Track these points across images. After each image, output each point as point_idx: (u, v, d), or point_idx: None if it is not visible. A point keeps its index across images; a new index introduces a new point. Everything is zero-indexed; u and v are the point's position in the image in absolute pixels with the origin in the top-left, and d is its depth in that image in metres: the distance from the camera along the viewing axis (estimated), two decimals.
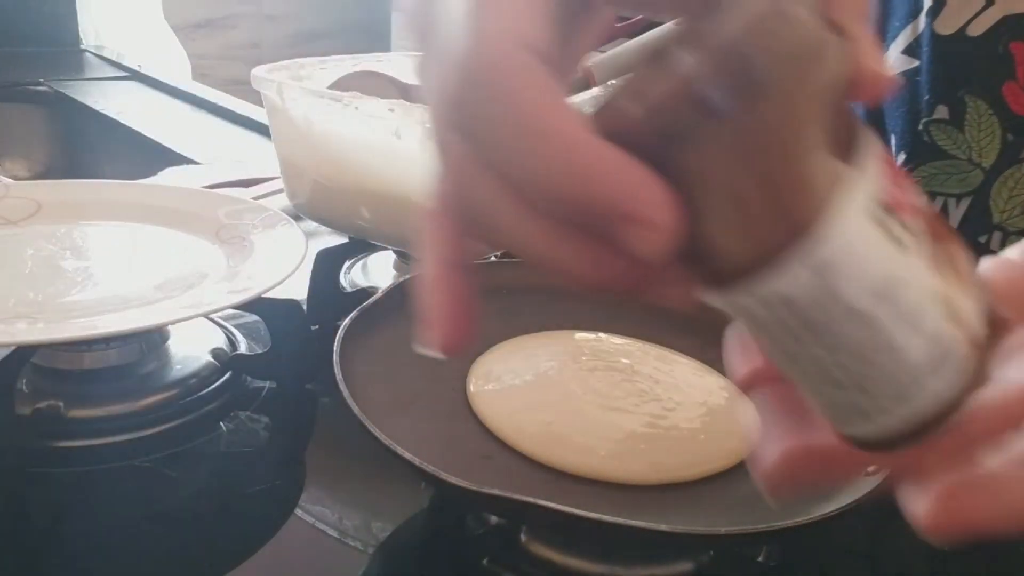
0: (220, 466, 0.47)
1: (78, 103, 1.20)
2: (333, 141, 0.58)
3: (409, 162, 0.56)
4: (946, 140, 0.55)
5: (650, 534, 0.33)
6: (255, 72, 0.62)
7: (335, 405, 0.39)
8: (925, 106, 0.56)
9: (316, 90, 0.58)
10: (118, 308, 0.48)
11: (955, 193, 0.56)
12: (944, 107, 0.55)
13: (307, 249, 0.54)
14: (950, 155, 0.55)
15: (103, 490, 0.44)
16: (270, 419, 0.50)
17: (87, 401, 0.47)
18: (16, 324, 0.45)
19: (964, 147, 0.54)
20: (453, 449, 0.41)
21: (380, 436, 0.35)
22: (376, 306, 0.47)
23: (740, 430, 0.44)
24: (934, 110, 0.55)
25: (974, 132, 0.54)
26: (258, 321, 0.55)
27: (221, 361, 0.52)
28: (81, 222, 0.60)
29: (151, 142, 1.04)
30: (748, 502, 0.40)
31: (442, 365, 0.47)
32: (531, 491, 0.33)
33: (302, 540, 0.41)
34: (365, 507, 0.45)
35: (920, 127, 0.56)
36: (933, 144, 0.56)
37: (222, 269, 0.54)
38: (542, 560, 0.38)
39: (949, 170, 0.55)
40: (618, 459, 0.41)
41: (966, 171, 0.55)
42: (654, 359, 0.50)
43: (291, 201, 0.66)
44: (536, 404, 0.45)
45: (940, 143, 0.55)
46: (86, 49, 1.53)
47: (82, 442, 0.46)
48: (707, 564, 0.39)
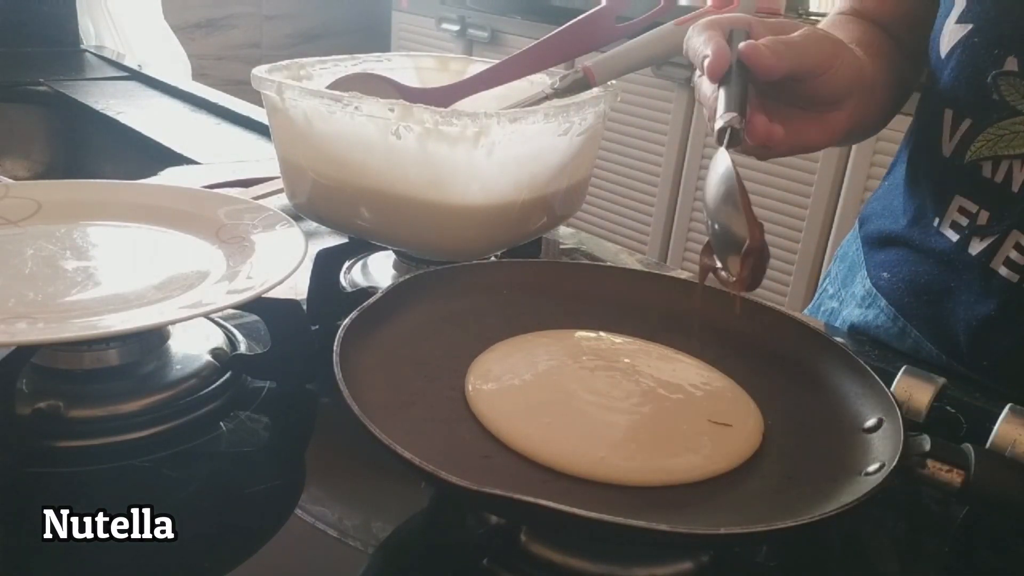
0: (220, 466, 0.47)
1: (78, 103, 1.20)
2: (333, 141, 0.58)
3: (409, 162, 0.56)
4: (1014, 94, 0.56)
5: (650, 534, 0.33)
6: (255, 72, 0.62)
7: (335, 405, 0.39)
8: (993, 60, 0.57)
9: (316, 90, 0.58)
10: (118, 308, 0.48)
11: (1020, 154, 0.57)
12: (1014, 59, 0.56)
13: (307, 249, 0.54)
14: (1018, 111, 0.56)
15: (103, 490, 0.44)
16: (270, 419, 0.50)
17: (87, 401, 0.47)
18: (16, 324, 0.45)
19: None
20: (453, 449, 0.41)
21: (380, 436, 0.35)
22: (376, 306, 0.47)
23: (741, 431, 0.44)
24: (1004, 62, 0.56)
25: None
26: (258, 321, 0.55)
27: (221, 361, 0.52)
28: (81, 222, 0.59)
29: (151, 142, 1.04)
30: (748, 502, 0.40)
31: (442, 365, 0.47)
32: (531, 491, 0.33)
33: (302, 540, 0.41)
34: (365, 507, 0.45)
35: (988, 80, 0.57)
36: (1002, 101, 0.57)
37: (222, 269, 0.53)
38: (542, 560, 0.38)
39: (1017, 127, 0.56)
40: (618, 459, 0.41)
41: None
42: (655, 358, 0.50)
43: (291, 201, 0.66)
44: (535, 404, 0.45)
45: (1008, 98, 0.56)
46: (86, 49, 1.53)
47: (82, 442, 0.46)
48: (707, 564, 0.39)
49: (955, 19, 0.60)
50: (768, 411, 0.46)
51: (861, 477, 0.39)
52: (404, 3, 2.76)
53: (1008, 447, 0.42)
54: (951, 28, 0.60)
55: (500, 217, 0.59)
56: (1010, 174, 0.57)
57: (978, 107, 0.59)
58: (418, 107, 0.54)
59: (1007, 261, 0.58)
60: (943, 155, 0.62)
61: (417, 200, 0.57)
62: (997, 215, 0.59)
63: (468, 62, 0.77)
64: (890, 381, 0.45)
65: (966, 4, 0.59)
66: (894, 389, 0.45)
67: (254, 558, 0.41)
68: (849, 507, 0.35)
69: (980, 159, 0.59)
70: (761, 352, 0.50)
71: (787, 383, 0.48)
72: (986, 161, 0.59)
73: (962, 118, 0.60)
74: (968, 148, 0.59)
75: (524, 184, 0.59)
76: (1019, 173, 0.57)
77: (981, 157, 0.59)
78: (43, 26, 1.47)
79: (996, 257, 0.59)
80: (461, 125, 0.54)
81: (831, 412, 0.45)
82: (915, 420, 0.45)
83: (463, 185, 0.57)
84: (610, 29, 0.66)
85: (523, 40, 2.28)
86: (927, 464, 0.41)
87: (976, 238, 0.60)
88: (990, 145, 0.58)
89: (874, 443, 0.41)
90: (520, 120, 0.55)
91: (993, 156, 0.58)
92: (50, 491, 0.43)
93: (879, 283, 0.70)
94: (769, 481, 0.41)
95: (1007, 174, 0.57)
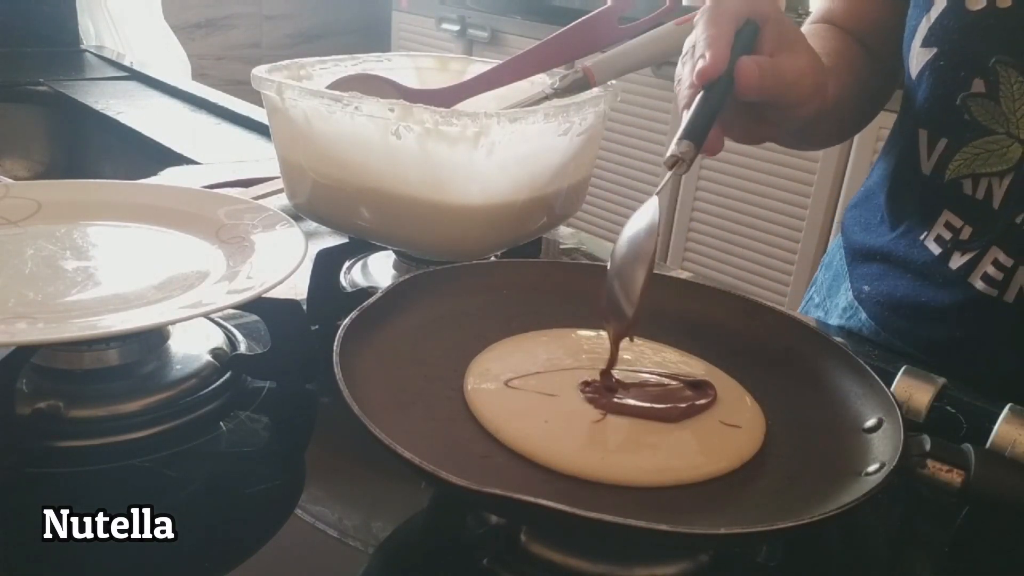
0: (220, 466, 0.47)
1: (78, 103, 1.20)
2: (333, 141, 0.58)
3: (409, 162, 0.56)
4: (984, 114, 0.57)
5: (650, 534, 0.33)
6: (255, 72, 0.62)
7: (335, 405, 0.39)
8: (961, 82, 0.58)
9: (316, 90, 0.58)
10: (118, 308, 0.48)
11: (997, 171, 0.57)
12: (980, 80, 0.57)
13: (307, 249, 0.54)
14: (990, 130, 0.57)
15: (103, 490, 0.44)
16: (270, 419, 0.50)
17: (87, 401, 0.47)
18: (16, 324, 0.45)
19: (1002, 120, 0.56)
20: (453, 449, 0.41)
21: (380, 436, 0.35)
22: (376, 306, 0.47)
23: (741, 431, 0.44)
24: (971, 84, 0.57)
25: (1009, 103, 0.56)
26: (258, 321, 0.55)
27: (221, 361, 0.52)
28: (81, 222, 0.60)
29: (151, 142, 1.04)
30: (748, 502, 0.40)
31: (442, 365, 0.47)
32: (531, 491, 0.33)
33: (302, 540, 0.41)
34: (365, 507, 0.45)
35: (958, 102, 0.58)
36: (973, 121, 0.58)
37: (222, 269, 0.53)
38: (542, 560, 0.38)
39: (990, 147, 0.57)
40: (618, 459, 0.41)
41: (1005, 146, 0.57)
42: (655, 358, 0.50)
43: (291, 201, 0.66)
44: (535, 404, 0.44)
45: (980, 118, 0.57)
46: (86, 49, 1.53)
47: (82, 442, 0.46)
48: (707, 564, 0.39)
49: (919, 42, 0.60)
50: (768, 411, 0.46)
51: (861, 477, 0.39)
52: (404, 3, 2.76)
53: (1008, 447, 0.42)
54: (917, 50, 0.61)
55: (500, 217, 0.59)
56: (990, 191, 0.58)
57: (951, 127, 0.59)
58: (418, 107, 0.54)
59: (984, 276, 0.59)
60: (923, 173, 0.62)
61: (417, 200, 0.57)
62: (979, 231, 0.59)
63: (468, 62, 0.77)
64: (890, 381, 0.45)
65: (928, 29, 0.59)
66: (894, 389, 0.45)
67: (254, 558, 0.41)
68: (849, 507, 0.35)
69: (960, 177, 0.60)
70: (761, 352, 0.50)
71: (787, 383, 0.48)
72: (966, 179, 0.59)
73: (938, 138, 0.61)
74: (947, 167, 0.60)
75: (524, 184, 0.59)
76: (998, 190, 0.58)
77: (960, 175, 0.59)
78: (43, 26, 1.47)
79: (975, 272, 0.59)
80: (461, 125, 0.54)
81: (831, 412, 0.45)
82: (915, 420, 0.45)
83: (463, 185, 0.57)
84: (613, 30, 0.66)
85: (523, 40, 2.28)
86: (927, 464, 0.41)
87: (957, 252, 0.60)
88: (967, 163, 0.59)
89: (874, 443, 0.41)
90: (520, 120, 0.55)
91: (972, 174, 0.59)
92: (50, 491, 0.43)
93: (860, 296, 0.70)
94: (769, 481, 0.41)
95: (987, 191, 0.58)
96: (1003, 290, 0.58)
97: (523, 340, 0.51)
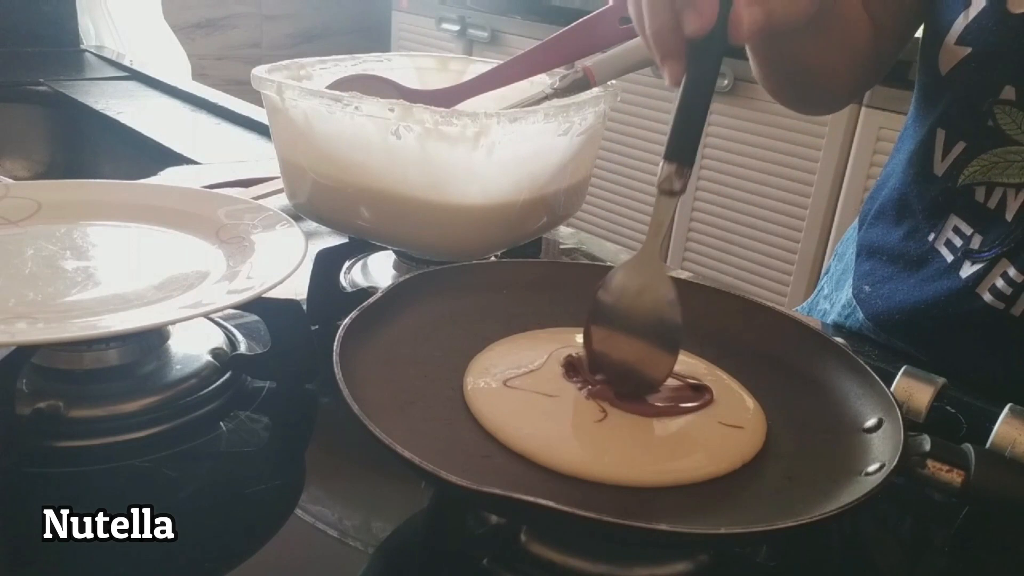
0: (220, 466, 0.47)
1: (78, 103, 1.20)
2: (333, 141, 0.58)
3: (409, 162, 0.56)
4: (1009, 123, 0.55)
5: (650, 534, 0.33)
6: (255, 72, 0.62)
7: (335, 405, 0.39)
8: (990, 87, 0.56)
9: (316, 90, 0.58)
10: (118, 308, 0.48)
11: (1014, 183, 0.56)
12: (1011, 88, 0.55)
13: (307, 249, 0.54)
14: (1012, 140, 0.55)
15: (103, 490, 0.44)
16: (270, 419, 0.50)
17: (87, 401, 0.47)
18: (16, 324, 0.45)
19: None
20: (453, 449, 0.41)
21: (380, 436, 0.35)
22: (376, 306, 0.47)
23: (742, 432, 0.44)
24: (1001, 90, 0.55)
25: None
26: (258, 321, 0.55)
27: (221, 361, 0.52)
28: (81, 222, 0.59)
29: (151, 142, 1.04)
30: (748, 503, 0.40)
31: (442, 365, 0.47)
32: (531, 491, 0.33)
33: (302, 540, 0.41)
34: (365, 507, 0.45)
35: (985, 107, 0.56)
36: (996, 128, 0.56)
37: (222, 269, 0.53)
38: (542, 560, 0.38)
39: (1011, 157, 0.56)
40: (618, 459, 0.41)
41: None
42: None
43: (291, 201, 0.66)
44: (535, 403, 0.44)
45: (1004, 126, 0.56)
46: (86, 49, 1.53)
47: (82, 442, 0.46)
48: (707, 564, 0.39)
49: (954, 39, 0.58)
50: (768, 411, 0.46)
51: (861, 477, 0.39)
52: (404, 3, 2.76)
53: (1008, 447, 0.42)
54: (950, 48, 0.59)
55: (500, 217, 0.59)
56: (1004, 202, 0.57)
57: (972, 132, 0.58)
58: (418, 107, 0.54)
59: (992, 288, 0.58)
60: (935, 174, 0.61)
61: (417, 200, 0.57)
62: (989, 241, 0.58)
63: (468, 62, 0.77)
64: (890, 381, 0.45)
65: (965, 27, 0.57)
66: (894, 389, 0.45)
67: (254, 558, 0.41)
68: (849, 507, 0.35)
69: (973, 184, 0.58)
70: (761, 352, 0.50)
71: (787, 383, 0.48)
72: (979, 186, 0.58)
73: (956, 140, 0.59)
74: (961, 171, 0.59)
75: (524, 184, 0.59)
76: (1013, 202, 0.56)
77: (975, 182, 0.58)
78: (43, 26, 1.47)
79: (983, 283, 0.58)
80: (461, 125, 0.54)
81: (831, 412, 0.45)
82: (915, 420, 0.45)
83: (463, 185, 0.57)
84: (613, 30, 0.65)
85: (523, 40, 2.28)
86: (927, 464, 0.41)
87: (968, 261, 0.59)
88: (983, 171, 0.57)
89: (874, 443, 0.41)
90: (520, 120, 0.55)
91: (986, 182, 0.57)
92: (50, 491, 0.43)
93: (860, 295, 0.69)
94: (769, 481, 0.41)
95: (1001, 201, 0.57)
96: (1011, 304, 0.57)
97: (523, 340, 0.51)
